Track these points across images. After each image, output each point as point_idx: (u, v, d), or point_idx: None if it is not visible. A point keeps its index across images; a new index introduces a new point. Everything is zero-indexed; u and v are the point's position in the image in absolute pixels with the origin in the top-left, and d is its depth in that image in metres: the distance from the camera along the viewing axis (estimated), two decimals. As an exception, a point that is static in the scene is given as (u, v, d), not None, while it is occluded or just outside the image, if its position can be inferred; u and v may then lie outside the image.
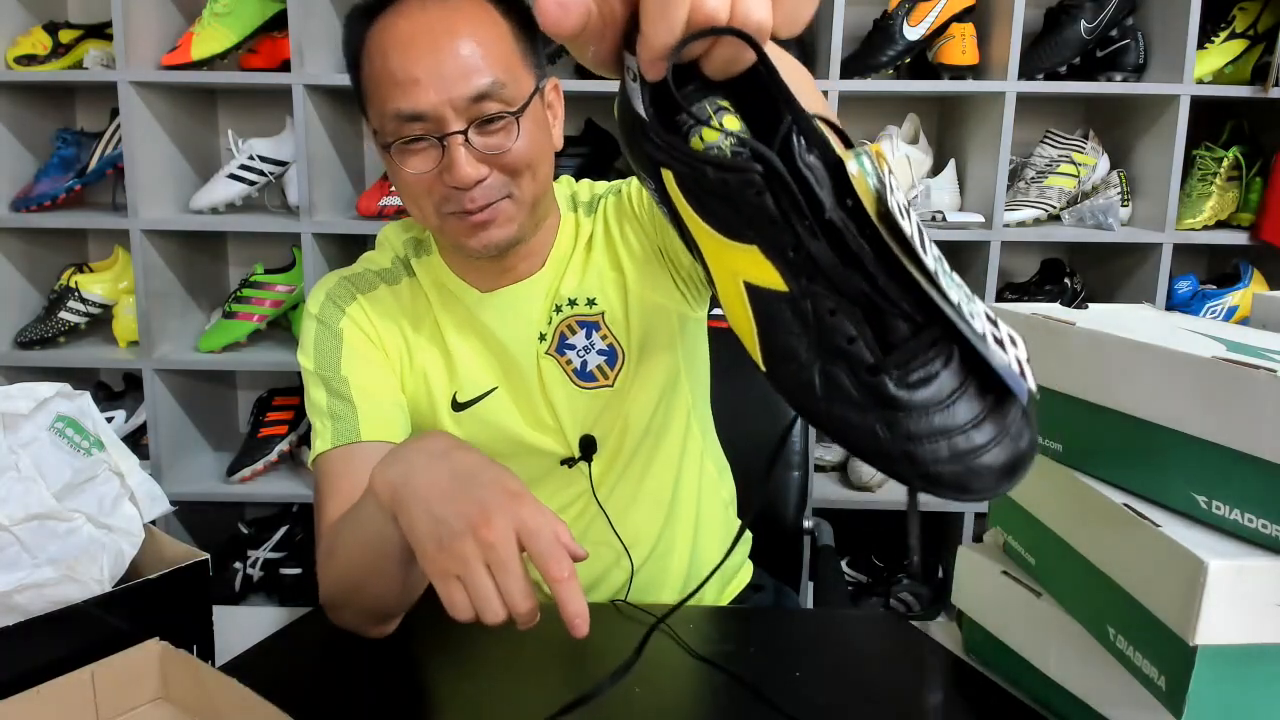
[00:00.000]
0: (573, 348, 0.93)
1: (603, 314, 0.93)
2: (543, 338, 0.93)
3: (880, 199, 0.37)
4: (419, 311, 0.95)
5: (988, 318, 0.40)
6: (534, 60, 0.87)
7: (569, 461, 0.95)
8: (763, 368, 0.42)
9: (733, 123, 0.40)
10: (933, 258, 0.38)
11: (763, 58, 0.39)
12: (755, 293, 0.41)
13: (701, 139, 0.41)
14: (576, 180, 1.02)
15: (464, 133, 0.80)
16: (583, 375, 0.93)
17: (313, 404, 0.91)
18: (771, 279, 0.40)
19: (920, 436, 0.38)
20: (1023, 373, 0.39)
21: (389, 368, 0.93)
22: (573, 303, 0.93)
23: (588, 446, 0.95)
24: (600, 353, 0.93)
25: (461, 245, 0.86)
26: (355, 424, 0.88)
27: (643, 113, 0.41)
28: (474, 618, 0.61)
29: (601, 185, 1.00)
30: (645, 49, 0.39)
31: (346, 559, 0.78)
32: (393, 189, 1.78)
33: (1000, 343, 0.39)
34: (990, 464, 0.39)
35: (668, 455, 1.00)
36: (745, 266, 0.41)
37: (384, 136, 0.83)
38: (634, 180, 0.95)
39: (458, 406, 0.94)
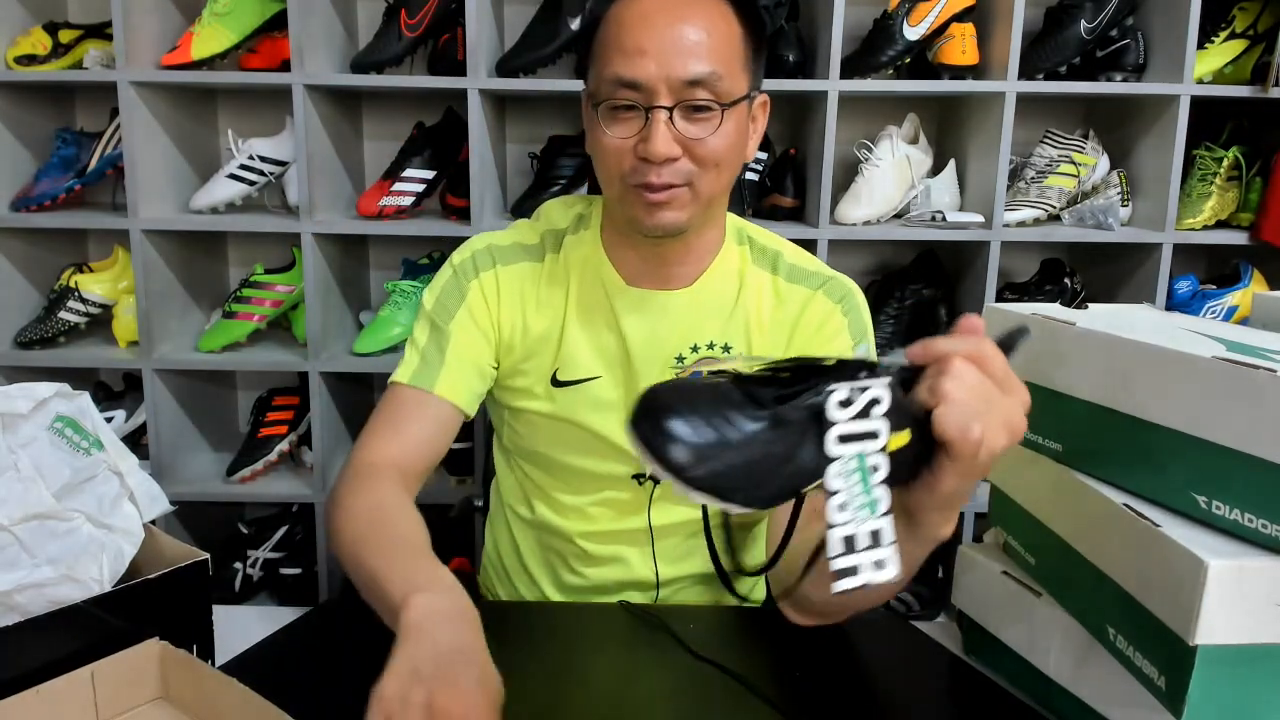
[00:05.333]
0: None
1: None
2: (680, 359, 0.97)
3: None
4: (552, 289, 0.99)
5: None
6: (753, 69, 0.91)
7: (639, 477, 0.99)
8: None
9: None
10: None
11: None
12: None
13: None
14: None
15: (670, 110, 0.84)
16: None
17: (413, 338, 0.98)
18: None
19: None
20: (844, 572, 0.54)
21: (492, 339, 0.99)
22: (727, 349, 0.97)
23: None
24: None
25: (635, 220, 0.90)
26: (436, 375, 0.94)
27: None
28: None
29: (788, 249, 1.02)
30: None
31: (351, 567, 0.79)
32: (394, 188, 1.78)
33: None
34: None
35: None
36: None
37: (597, 96, 0.88)
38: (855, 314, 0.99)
39: (557, 383, 0.98)
